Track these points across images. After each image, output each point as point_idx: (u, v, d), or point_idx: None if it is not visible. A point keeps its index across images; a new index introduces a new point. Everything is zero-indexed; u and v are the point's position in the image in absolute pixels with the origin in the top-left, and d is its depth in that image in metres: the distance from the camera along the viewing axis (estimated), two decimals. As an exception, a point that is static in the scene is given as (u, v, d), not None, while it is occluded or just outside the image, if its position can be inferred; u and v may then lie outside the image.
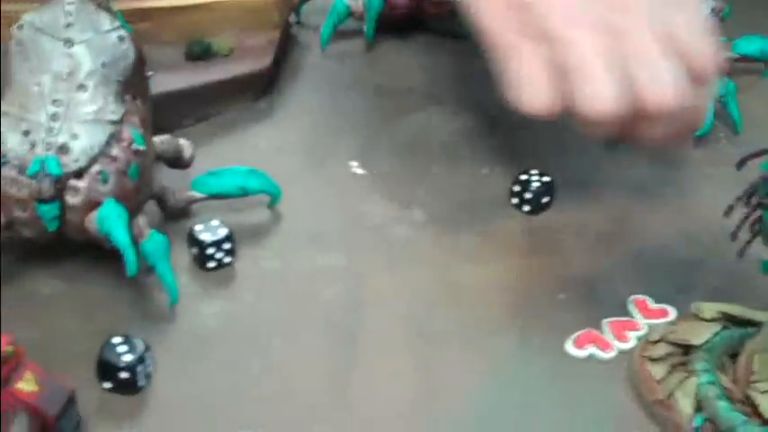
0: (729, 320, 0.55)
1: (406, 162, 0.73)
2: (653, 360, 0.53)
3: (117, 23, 0.59)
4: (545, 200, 0.68)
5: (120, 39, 0.58)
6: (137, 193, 0.57)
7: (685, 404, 0.50)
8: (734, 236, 0.48)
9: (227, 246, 0.60)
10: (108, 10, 0.59)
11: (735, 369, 0.52)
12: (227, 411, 0.52)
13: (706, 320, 0.55)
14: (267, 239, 0.65)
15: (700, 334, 0.54)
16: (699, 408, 0.50)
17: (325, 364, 0.55)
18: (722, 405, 0.49)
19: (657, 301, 0.60)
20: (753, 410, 0.49)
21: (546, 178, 0.68)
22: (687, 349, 0.54)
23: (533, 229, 0.67)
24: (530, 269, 0.63)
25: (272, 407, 0.52)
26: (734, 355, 0.53)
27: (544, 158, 0.71)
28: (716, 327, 0.55)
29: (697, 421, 0.50)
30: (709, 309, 0.56)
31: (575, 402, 0.53)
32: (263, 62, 0.77)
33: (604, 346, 0.55)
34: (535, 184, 0.67)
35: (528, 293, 0.61)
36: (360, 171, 0.71)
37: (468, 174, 0.71)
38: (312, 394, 0.53)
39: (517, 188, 0.68)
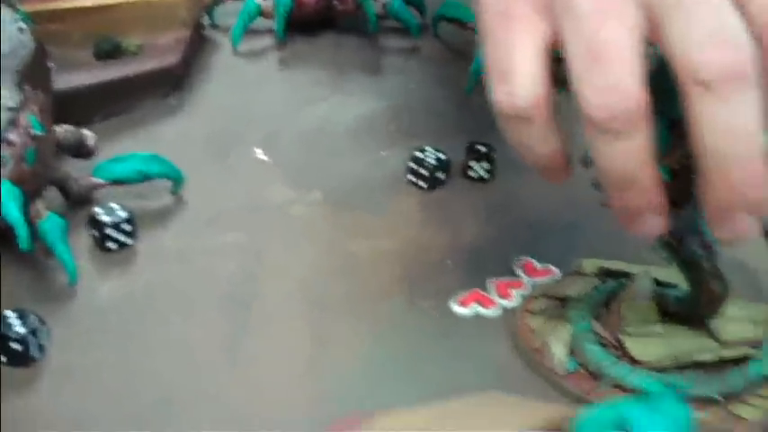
0: (607, 275, 0.58)
1: (310, 148, 0.75)
2: (533, 313, 0.56)
3: (17, 17, 0.60)
4: (440, 176, 0.70)
5: (21, 30, 0.60)
6: (34, 177, 0.59)
7: (558, 350, 0.53)
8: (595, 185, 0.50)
9: (127, 228, 0.62)
10: (10, 5, 0.61)
11: (607, 317, 0.54)
12: (123, 382, 0.53)
13: (586, 275, 0.58)
14: (169, 222, 0.66)
15: (577, 287, 0.57)
16: (571, 353, 0.53)
17: (221, 333, 0.56)
18: (593, 348, 0.52)
19: (542, 262, 0.62)
20: (623, 353, 0.52)
21: (441, 155, 0.70)
22: (565, 302, 0.56)
23: (429, 204, 0.69)
24: (422, 240, 0.65)
25: (168, 376, 0.53)
26: (610, 306, 0.56)
27: (444, 138, 0.74)
28: (594, 281, 0.58)
29: (569, 366, 0.52)
30: (589, 264, 0.59)
31: (459, 357, 0.55)
32: (170, 60, 0.80)
33: (488, 303, 0.58)
34: (430, 161, 0.69)
35: (419, 262, 0.63)
36: (263, 157, 0.73)
37: (369, 156, 0.74)
38: (207, 363, 0.54)
39: (413, 165, 0.70)
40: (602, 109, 0.39)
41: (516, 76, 0.40)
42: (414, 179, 0.70)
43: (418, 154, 0.70)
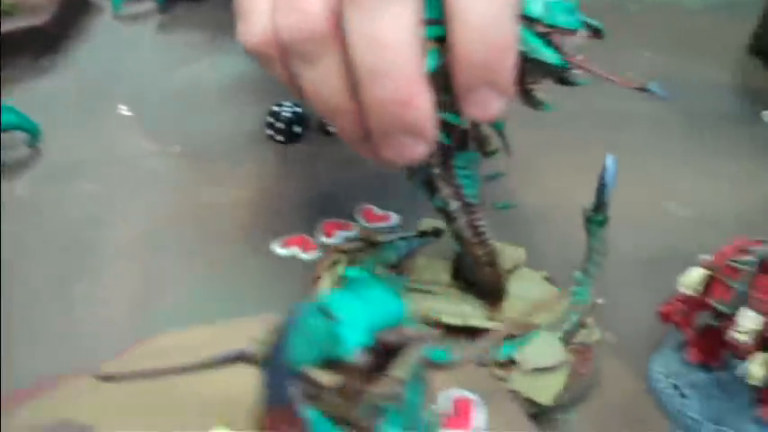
0: (435, 234, 0.59)
1: (176, 105, 0.76)
2: (339, 252, 0.57)
3: None
4: (297, 129, 0.71)
5: None
6: None
7: (326, 281, 0.54)
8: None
9: (-22, 176, 0.63)
10: None
11: (400, 269, 0.56)
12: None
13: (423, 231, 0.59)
14: (24, 172, 0.67)
15: (385, 237, 0.58)
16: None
17: (59, 276, 0.57)
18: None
19: (382, 209, 0.64)
20: None
21: (297, 109, 0.71)
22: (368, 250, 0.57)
23: (285, 157, 0.70)
24: (274, 190, 0.67)
25: (6, 316, 0.54)
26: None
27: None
28: (406, 233, 0.59)
29: None
30: (425, 223, 0.60)
31: (270, 294, 0.57)
32: (42, 18, 0.80)
33: (308, 247, 0.59)
34: (286, 115, 0.71)
35: (266, 209, 0.64)
36: (127, 113, 0.74)
37: (233, 113, 0.75)
38: (43, 300, 0.55)
39: (270, 119, 0.71)
40: (286, 30, 0.39)
41: (252, 15, 0.40)
42: (271, 133, 0.71)
43: (275, 108, 0.71)
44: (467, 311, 0.52)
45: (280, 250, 0.59)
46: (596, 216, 0.52)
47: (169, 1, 0.88)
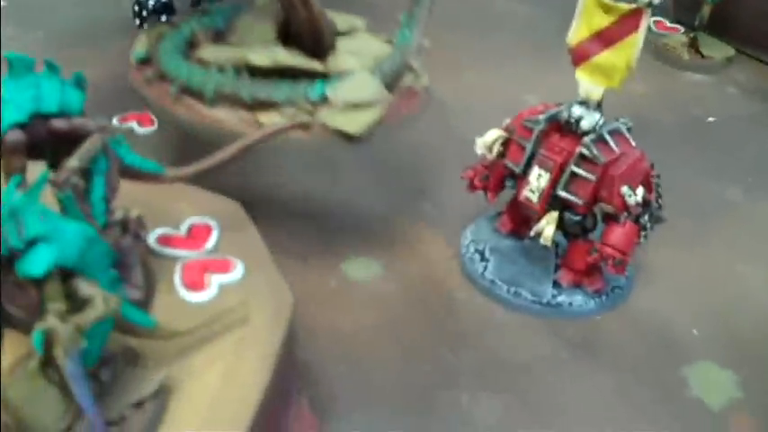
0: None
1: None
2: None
3: None
4: (163, 18, 0.71)
5: None
6: None
7: (138, 48, 0.55)
8: None
9: None
10: None
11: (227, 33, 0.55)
12: None
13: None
14: None
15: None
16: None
17: None
18: (167, 49, 0.52)
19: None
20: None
21: (163, -3, 0.71)
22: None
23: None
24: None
25: None
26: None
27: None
28: None
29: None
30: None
31: None
32: None
33: (146, 122, 0.60)
34: (151, 2, 0.70)
35: (114, 91, 0.64)
36: (3, 3, 0.74)
37: (95, 4, 0.75)
38: None
39: (136, 8, 0.71)
40: None
41: None
42: (138, 22, 0.71)
43: (141, -4, 0.71)
44: (279, 53, 0.50)
45: (117, 123, 0.59)
46: None
47: None
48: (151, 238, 0.38)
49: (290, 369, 0.39)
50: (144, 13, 0.68)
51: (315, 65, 0.50)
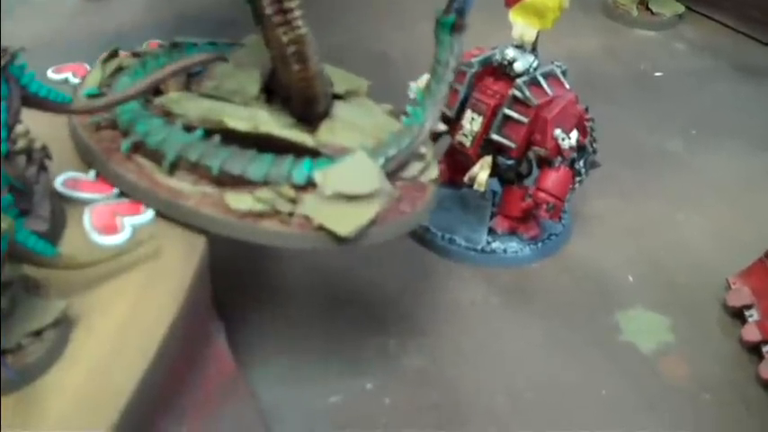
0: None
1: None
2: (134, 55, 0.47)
3: None
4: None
5: None
6: None
7: (91, 79, 0.45)
8: None
9: None
10: None
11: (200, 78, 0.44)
12: None
13: None
14: None
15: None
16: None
17: None
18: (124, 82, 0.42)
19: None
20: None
21: (105, -50, 0.70)
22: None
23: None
24: (78, 27, 0.66)
25: None
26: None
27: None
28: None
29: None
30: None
31: None
32: None
33: (81, 73, 0.58)
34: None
35: (64, 42, 0.63)
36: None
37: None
38: None
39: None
40: None
41: None
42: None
43: (82, -52, 0.69)
44: (262, 117, 0.40)
45: (53, 75, 0.57)
46: (446, 18, 0.41)
47: None
48: (58, 182, 0.37)
49: (205, 308, 0.38)
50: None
51: (304, 138, 0.40)
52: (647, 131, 0.61)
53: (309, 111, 0.41)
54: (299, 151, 0.38)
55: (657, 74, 0.68)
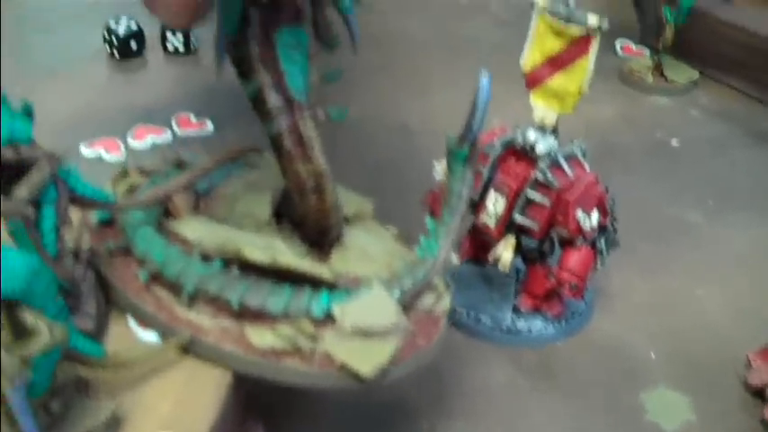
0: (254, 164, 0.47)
1: (23, 24, 0.77)
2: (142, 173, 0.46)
3: None
4: (133, 45, 0.72)
5: None
6: None
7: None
8: None
9: None
10: None
11: (208, 199, 0.44)
12: None
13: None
14: None
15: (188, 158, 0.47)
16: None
17: None
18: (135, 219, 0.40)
19: (199, 117, 0.65)
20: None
21: (133, 25, 0.72)
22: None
23: (121, 71, 0.71)
24: (97, 100, 0.67)
25: None
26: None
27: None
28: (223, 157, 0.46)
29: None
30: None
31: None
32: None
33: (113, 149, 0.60)
34: (122, 30, 0.71)
35: (91, 117, 0.65)
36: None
37: (81, 31, 0.76)
38: None
39: (105, 34, 0.72)
40: None
41: None
42: (108, 49, 0.72)
43: (112, 23, 0.71)
44: (280, 248, 0.40)
45: (85, 150, 0.60)
46: (460, 149, 0.42)
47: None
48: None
49: (245, 407, 0.39)
50: (114, 40, 0.69)
51: (322, 270, 0.39)
52: (666, 202, 0.62)
53: (323, 239, 0.41)
54: (315, 281, 0.39)
55: (674, 142, 0.69)
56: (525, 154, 0.49)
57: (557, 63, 0.47)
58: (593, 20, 0.45)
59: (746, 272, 0.56)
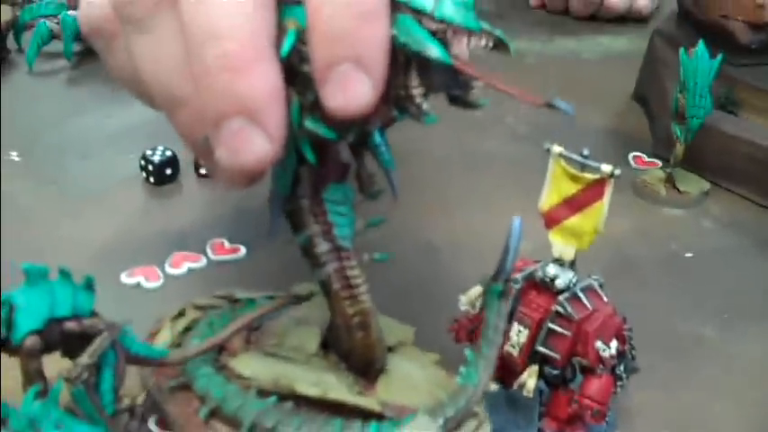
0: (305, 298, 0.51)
1: (64, 152, 0.81)
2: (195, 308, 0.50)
3: None
4: (168, 172, 0.76)
5: None
6: None
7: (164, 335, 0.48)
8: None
9: None
10: None
11: (258, 331, 0.48)
12: None
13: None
14: None
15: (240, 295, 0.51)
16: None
17: None
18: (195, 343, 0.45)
19: (232, 242, 0.68)
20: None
21: (168, 152, 0.76)
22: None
23: (157, 197, 0.75)
24: (135, 226, 0.71)
25: None
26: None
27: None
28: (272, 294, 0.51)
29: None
30: (304, 288, 0.51)
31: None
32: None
33: (153, 278, 0.64)
34: (157, 158, 0.76)
35: (127, 245, 0.69)
36: (16, 159, 0.79)
37: (116, 158, 0.80)
38: None
39: (143, 162, 0.76)
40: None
41: None
42: (144, 175, 0.76)
43: (148, 152, 0.76)
44: (330, 382, 0.43)
45: (126, 279, 0.63)
46: (495, 286, 0.46)
47: (80, 57, 0.94)
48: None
49: None
50: (150, 167, 0.73)
51: (371, 403, 0.43)
52: (682, 318, 0.64)
53: (369, 369, 0.45)
54: (364, 413, 0.42)
55: (688, 255, 0.72)
56: (546, 287, 0.51)
57: (573, 205, 0.50)
58: (606, 168, 0.48)
59: (761, 387, 0.58)
